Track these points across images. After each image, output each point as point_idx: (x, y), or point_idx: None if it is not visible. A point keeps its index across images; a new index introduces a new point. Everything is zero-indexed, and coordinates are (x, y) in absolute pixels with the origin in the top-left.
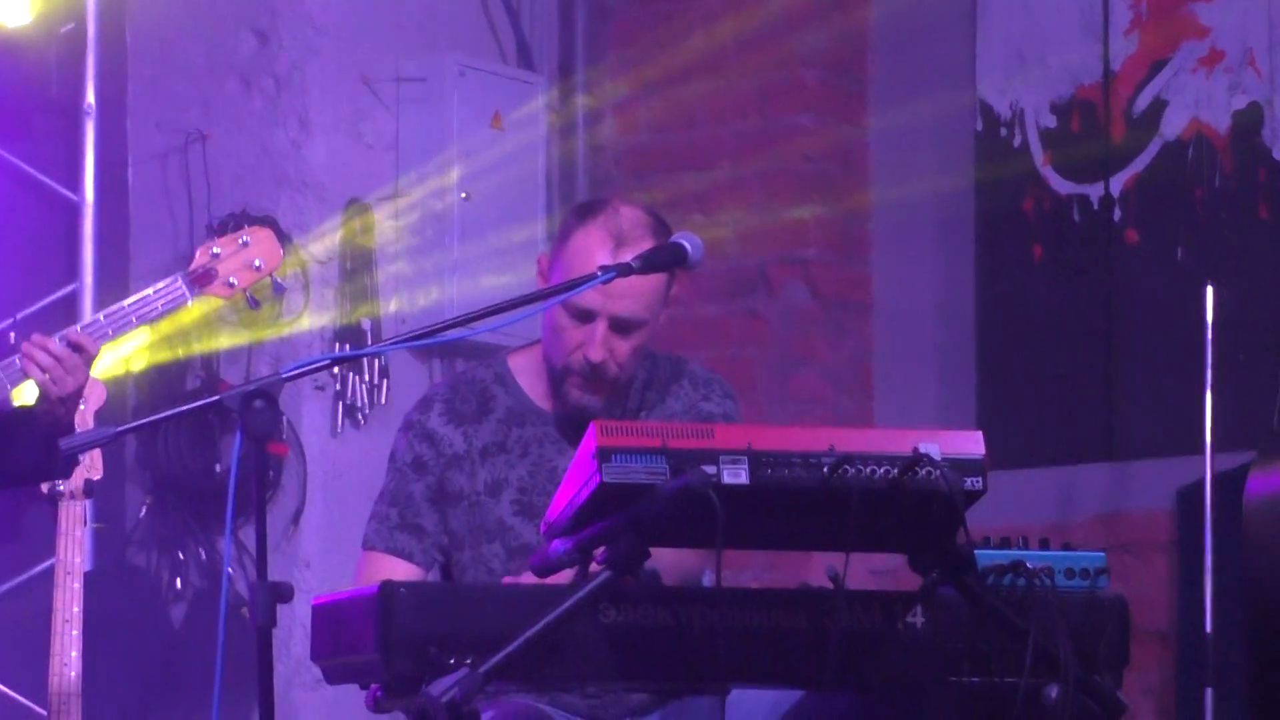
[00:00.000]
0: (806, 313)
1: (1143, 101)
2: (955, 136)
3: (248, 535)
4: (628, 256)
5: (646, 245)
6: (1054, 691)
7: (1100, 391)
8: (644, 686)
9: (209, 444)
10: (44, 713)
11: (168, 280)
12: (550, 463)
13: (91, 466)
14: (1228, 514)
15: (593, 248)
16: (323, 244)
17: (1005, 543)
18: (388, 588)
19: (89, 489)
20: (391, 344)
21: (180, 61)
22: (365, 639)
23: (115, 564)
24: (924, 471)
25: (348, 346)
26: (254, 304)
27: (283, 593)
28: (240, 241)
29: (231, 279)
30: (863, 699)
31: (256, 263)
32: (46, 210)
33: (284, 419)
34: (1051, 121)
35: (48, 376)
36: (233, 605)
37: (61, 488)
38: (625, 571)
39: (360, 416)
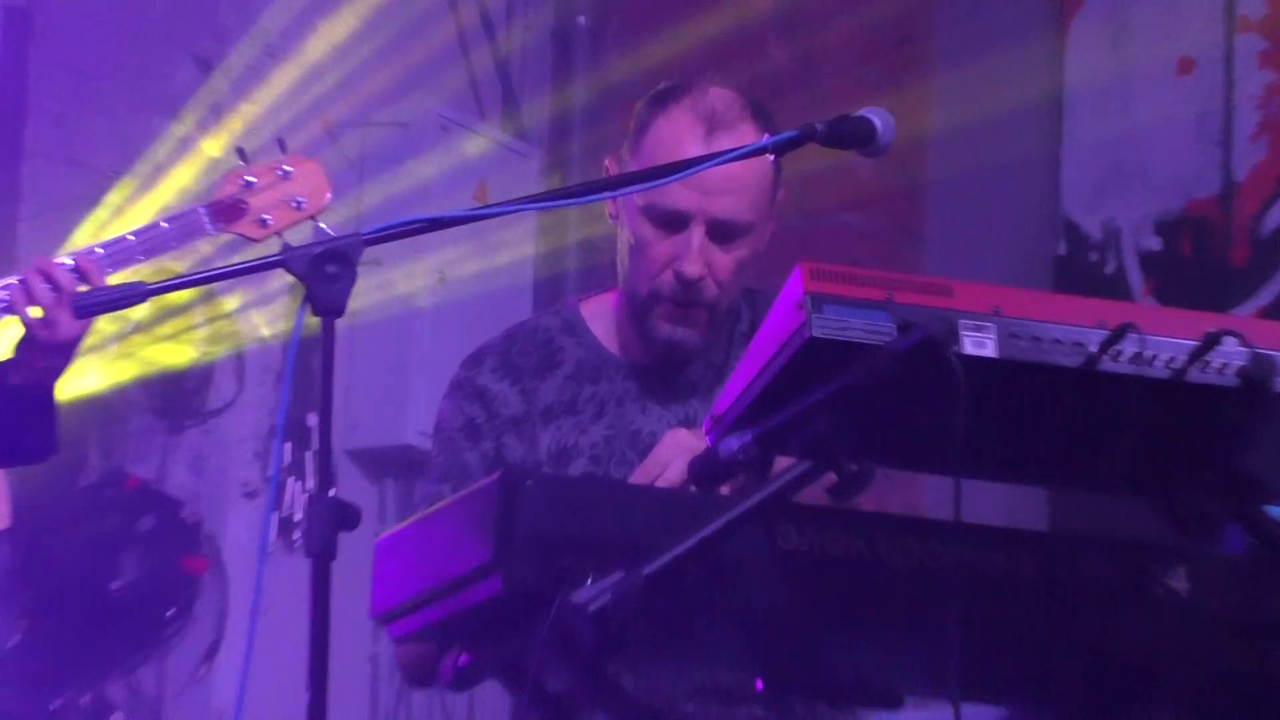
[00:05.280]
0: None
1: (1273, 219)
2: (1032, 259)
3: (144, 674)
4: (725, 144)
5: (746, 129)
6: None
7: None
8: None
9: (107, 555)
10: None
11: (184, 209)
12: (631, 425)
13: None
14: None
15: (680, 135)
16: (272, 325)
17: None
18: (509, 476)
19: None
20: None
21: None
22: (473, 547)
23: None
24: (1220, 360)
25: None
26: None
27: (349, 516)
28: (279, 171)
29: (265, 215)
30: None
31: (298, 200)
32: None
33: (203, 530)
34: (1155, 243)
35: (41, 318)
36: None
37: None
38: (829, 461)
39: (296, 535)
